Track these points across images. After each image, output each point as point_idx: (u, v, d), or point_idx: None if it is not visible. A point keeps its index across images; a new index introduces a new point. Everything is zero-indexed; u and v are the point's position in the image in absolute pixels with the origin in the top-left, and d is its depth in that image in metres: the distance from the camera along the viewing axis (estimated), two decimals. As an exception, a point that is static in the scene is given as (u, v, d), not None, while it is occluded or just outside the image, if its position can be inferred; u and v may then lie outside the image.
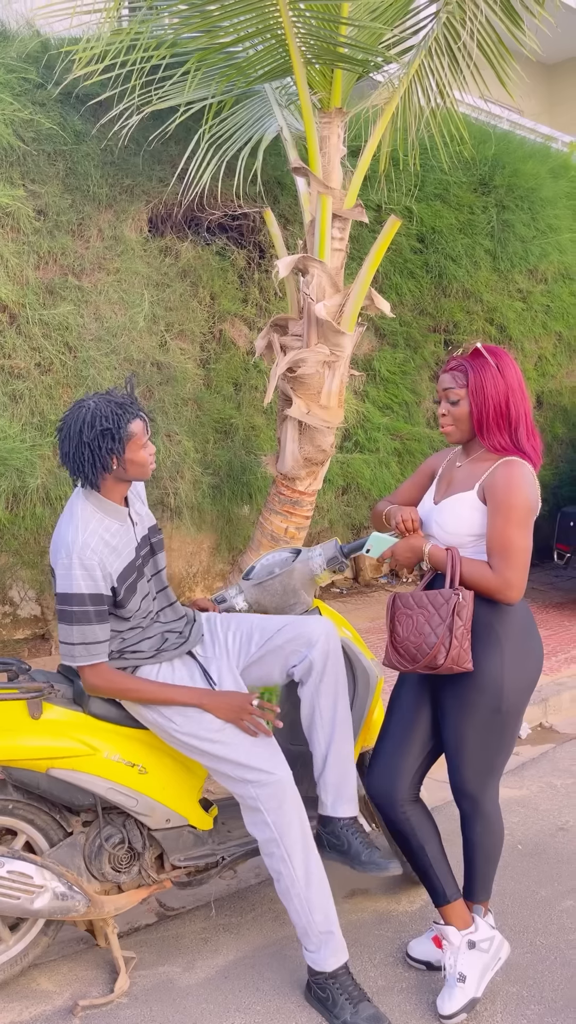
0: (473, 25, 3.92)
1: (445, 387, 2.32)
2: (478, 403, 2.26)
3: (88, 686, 2.29)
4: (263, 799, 2.29)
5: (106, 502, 2.32)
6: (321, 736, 2.48)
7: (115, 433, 2.23)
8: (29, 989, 2.46)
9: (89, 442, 2.22)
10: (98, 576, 2.23)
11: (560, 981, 2.50)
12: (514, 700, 2.26)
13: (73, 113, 4.42)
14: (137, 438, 2.27)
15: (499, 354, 2.28)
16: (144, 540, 2.42)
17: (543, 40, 4.41)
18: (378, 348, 6.03)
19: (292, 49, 3.67)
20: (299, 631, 2.50)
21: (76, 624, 2.23)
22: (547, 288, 6.82)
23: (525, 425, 2.27)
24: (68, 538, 2.23)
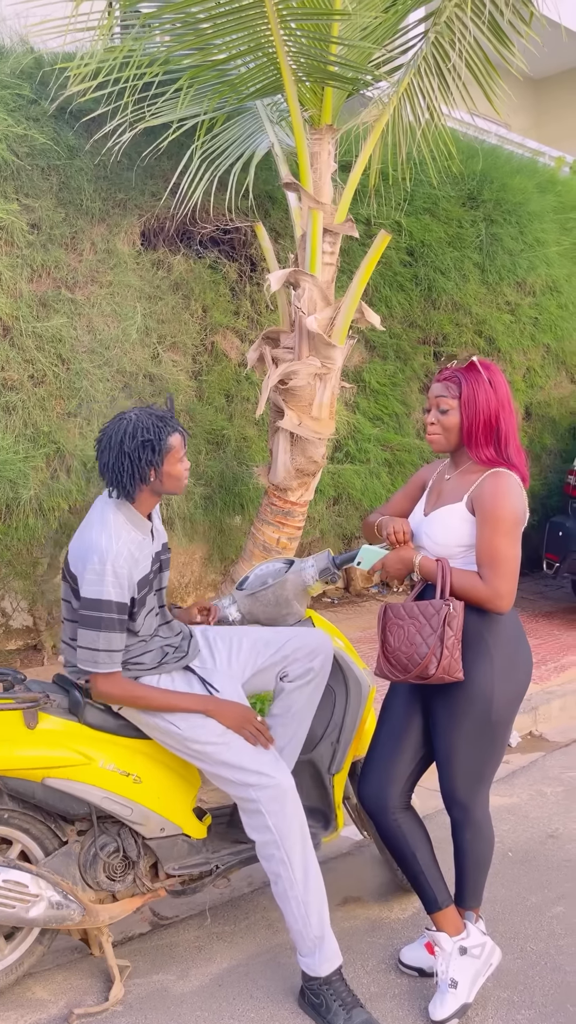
0: (461, 44, 3.99)
1: (437, 395, 2.36)
2: (469, 415, 2.31)
3: (99, 693, 2.31)
4: (264, 802, 2.32)
5: (136, 514, 2.37)
6: (279, 733, 2.57)
7: (155, 445, 2.29)
8: (24, 998, 2.47)
9: (130, 452, 2.28)
10: (126, 586, 2.28)
11: (550, 986, 2.53)
12: (504, 709, 2.29)
13: (67, 129, 4.47)
14: (175, 451, 2.33)
15: (492, 369, 2.33)
16: (156, 556, 2.47)
17: (530, 56, 4.48)
18: (368, 360, 6.09)
19: (283, 67, 3.73)
20: (303, 642, 2.60)
21: (104, 631, 2.26)
22: (535, 301, 6.90)
23: (513, 442, 2.33)
24: (102, 545, 2.26)
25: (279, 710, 2.60)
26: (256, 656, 2.60)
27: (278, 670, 2.61)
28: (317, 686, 2.61)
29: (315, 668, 2.58)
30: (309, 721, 2.63)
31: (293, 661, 2.58)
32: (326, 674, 2.63)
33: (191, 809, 2.55)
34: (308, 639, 2.61)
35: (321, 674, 2.60)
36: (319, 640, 2.62)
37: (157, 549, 2.48)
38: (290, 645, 2.60)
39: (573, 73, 13.03)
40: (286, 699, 2.59)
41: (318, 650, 2.60)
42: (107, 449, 2.32)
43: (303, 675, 2.58)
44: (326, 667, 2.62)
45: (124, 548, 2.29)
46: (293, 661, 2.58)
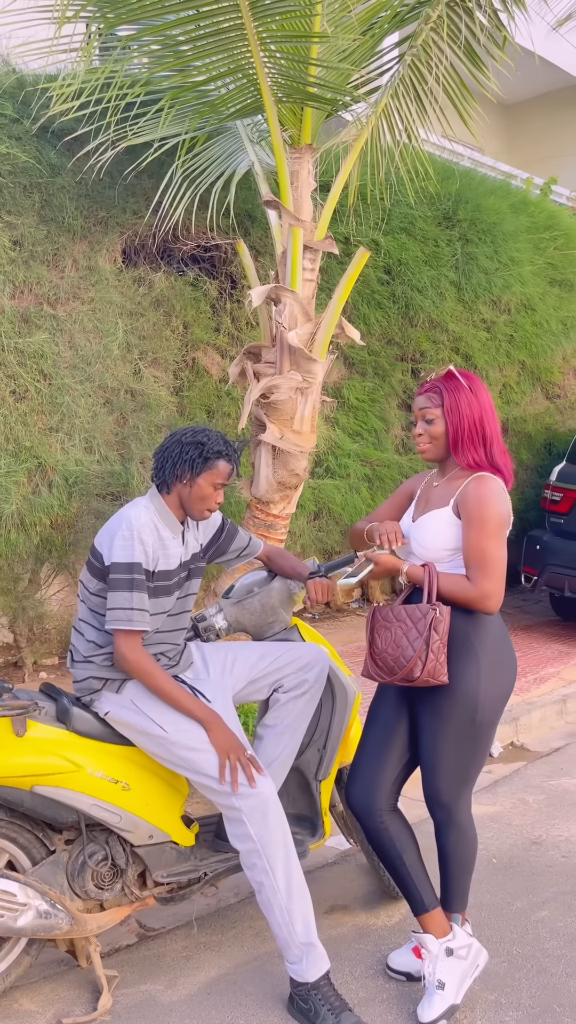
0: (437, 69, 4.10)
1: (421, 407, 2.42)
2: (453, 422, 2.37)
3: (118, 655, 2.35)
4: (246, 811, 2.34)
5: (166, 510, 2.46)
6: (272, 744, 2.61)
7: (204, 451, 2.40)
8: (11, 1009, 2.45)
9: (184, 443, 2.41)
10: (150, 554, 2.37)
11: (537, 988, 2.55)
12: (489, 710, 2.33)
13: (49, 147, 4.52)
14: (216, 474, 2.44)
15: (471, 377, 2.40)
16: (184, 565, 2.54)
17: (503, 81, 4.60)
18: (347, 377, 6.16)
19: (263, 88, 3.81)
20: (298, 655, 2.65)
21: (135, 591, 2.34)
22: (510, 318, 7.02)
23: (497, 444, 2.39)
24: (131, 515, 2.37)
25: (272, 721, 2.64)
26: (250, 669, 2.64)
27: (272, 681, 2.65)
28: (311, 698, 2.66)
29: (309, 680, 2.63)
30: (302, 733, 2.66)
31: (288, 674, 2.64)
32: (320, 687, 2.68)
33: (179, 816, 2.56)
34: (303, 652, 2.67)
35: (315, 686, 2.66)
36: (314, 654, 2.68)
37: (186, 558, 2.54)
38: (284, 658, 2.65)
39: (544, 99, 13.34)
40: (279, 711, 2.63)
41: (313, 663, 2.65)
42: (172, 436, 2.48)
43: (297, 687, 2.63)
44: (320, 680, 2.67)
45: (150, 524, 2.40)
46: (288, 674, 2.64)
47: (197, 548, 2.61)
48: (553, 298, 7.33)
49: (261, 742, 2.66)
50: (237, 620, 2.82)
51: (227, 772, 2.34)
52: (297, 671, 2.64)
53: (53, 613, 5.00)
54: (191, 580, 2.59)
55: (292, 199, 4.04)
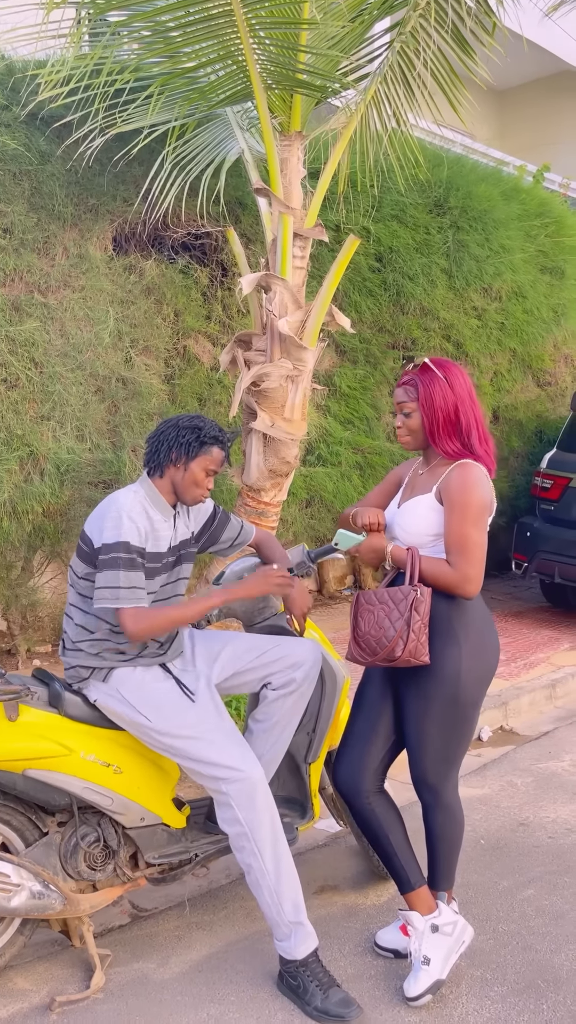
0: (426, 54, 4.10)
1: (399, 401, 2.48)
2: (428, 414, 2.41)
3: (130, 632, 2.36)
4: (234, 795, 2.37)
5: (158, 495, 2.50)
6: (260, 739, 2.65)
7: (200, 435, 2.45)
8: (6, 988, 2.49)
9: (180, 428, 2.46)
10: (143, 534, 2.41)
11: (521, 965, 2.60)
12: (471, 691, 2.38)
13: (38, 134, 4.51)
14: (210, 460, 2.48)
15: (447, 367, 2.43)
16: (174, 549, 2.56)
17: (493, 67, 4.59)
18: (339, 364, 6.17)
19: (253, 75, 3.81)
20: (287, 652, 2.65)
21: (124, 569, 2.36)
22: (501, 306, 7.04)
23: (477, 431, 2.42)
24: (120, 498, 2.42)
25: (262, 716, 2.66)
26: (236, 660, 2.65)
27: (260, 676, 2.66)
28: (300, 696, 2.66)
29: (297, 679, 2.63)
30: (292, 730, 2.68)
31: (276, 671, 2.64)
32: (310, 685, 2.68)
33: (170, 799, 2.60)
34: (292, 649, 2.66)
35: (304, 685, 2.66)
36: (305, 651, 2.66)
37: (175, 543, 2.57)
38: (272, 653, 2.65)
39: (535, 85, 13.30)
40: (268, 707, 2.65)
41: (302, 661, 2.64)
42: (167, 421, 2.52)
43: (285, 685, 2.63)
44: (310, 678, 2.67)
45: (139, 507, 2.44)
46: (276, 671, 2.64)
47: (188, 534, 2.63)
48: (544, 286, 7.35)
49: (252, 736, 2.67)
50: (228, 606, 2.85)
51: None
52: (285, 668, 2.63)
53: (46, 601, 5.03)
54: (181, 565, 2.61)
55: (282, 187, 4.05)
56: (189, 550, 2.64)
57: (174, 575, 2.59)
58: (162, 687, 2.47)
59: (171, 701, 2.44)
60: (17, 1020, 2.37)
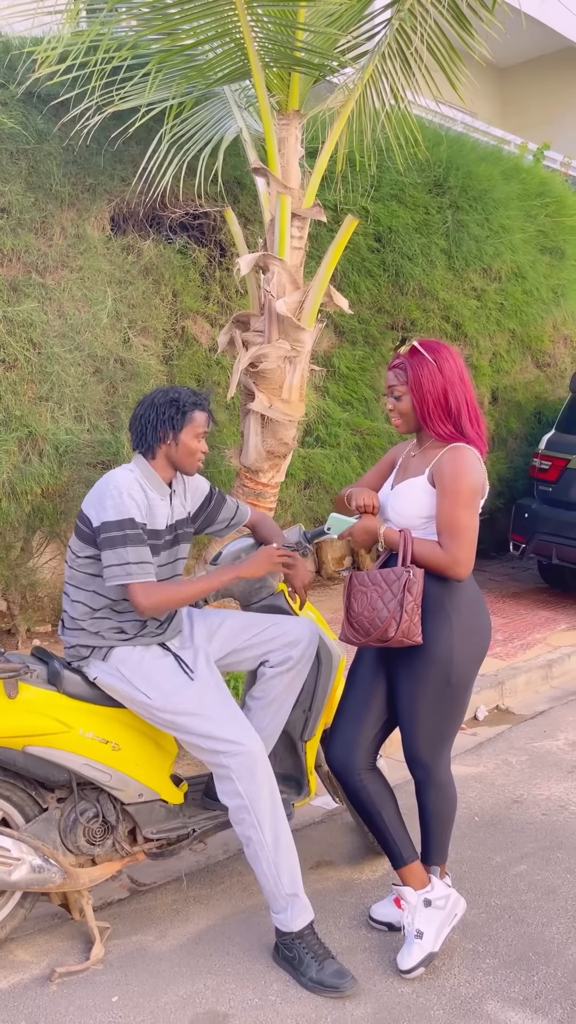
0: (423, 30, 4.06)
1: (389, 384, 2.49)
2: (418, 397, 2.43)
3: (141, 607, 2.39)
4: (234, 769, 2.41)
5: (153, 474, 2.52)
6: (258, 716, 2.68)
7: (180, 406, 2.47)
8: (6, 960, 2.54)
9: (158, 405, 2.48)
10: (144, 510, 2.44)
11: (513, 938, 2.65)
12: (463, 671, 2.41)
13: (35, 112, 4.48)
14: (196, 425, 2.51)
15: (437, 349, 2.43)
16: (171, 528, 2.58)
17: (494, 45, 4.55)
18: (337, 345, 6.16)
19: (250, 53, 3.78)
20: (285, 630, 2.69)
21: (132, 545, 2.39)
22: (500, 287, 7.02)
23: (467, 413, 2.43)
24: (118, 476, 2.44)
25: (259, 694, 2.70)
26: (233, 638, 2.68)
27: (258, 654, 2.70)
28: (298, 674, 2.70)
29: (294, 657, 2.67)
30: (289, 707, 2.72)
31: (273, 649, 2.68)
32: (307, 664, 2.72)
33: (168, 775, 2.63)
34: (290, 627, 2.70)
35: (301, 662, 2.70)
36: (302, 629, 2.70)
37: (171, 523, 2.59)
38: (271, 631, 2.69)
39: (537, 62, 13.17)
40: (265, 685, 2.69)
41: (299, 640, 2.68)
42: (142, 403, 2.53)
43: (283, 662, 2.68)
44: (307, 657, 2.71)
45: (135, 482, 2.46)
46: (273, 649, 2.68)
47: (184, 513, 2.65)
48: (544, 266, 7.32)
49: (250, 712, 2.71)
50: (224, 586, 2.87)
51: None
52: (283, 647, 2.67)
53: (45, 581, 5.06)
54: (179, 545, 2.63)
55: (280, 166, 4.03)
56: (186, 530, 2.66)
57: (172, 555, 2.61)
58: (162, 664, 2.51)
59: (171, 678, 2.48)
60: (18, 991, 2.42)
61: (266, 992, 2.41)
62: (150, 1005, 2.36)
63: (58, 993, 2.41)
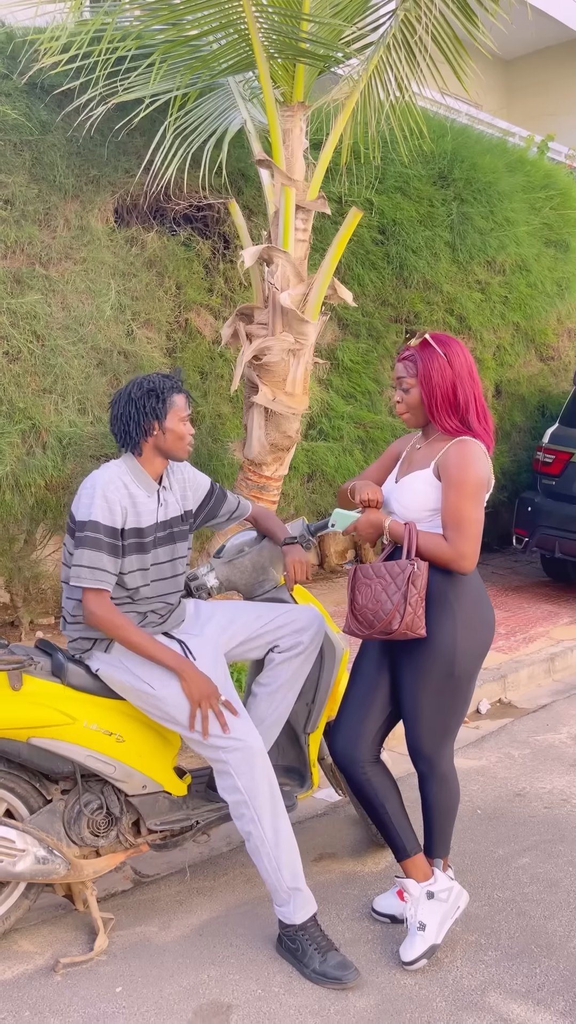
0: (429, 20, 4.04)
1: (398, 376, 2.49)
2: (426, 391, 2.42)
3: (87, 612, 2.40)
4: (234, 764, 2.41)
5: (141, 471, 2.50)
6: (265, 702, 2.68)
7: (160, 395, 2.45)
8: (11, 951, 2.55)
9: (136, 400, 2.44)
10: (117, 511, 2.41)
11: (515, 930, 2.66)
12: (466, 665, 2.41)
13: (39, 103, 4.47)
14: (178, 409, 2.49)
15: (448, 343, 2.43)
16: (164, 524, 2.57)
17: (500, 35, 4.53)
18: (341, 338, 6.15)
19: (255, 44, 3.77)
20: (294, 617, 2.71)
21: (87, 548, 2.39)
22: (505, 280, 6.99)
23: (475, 409, 2.43)
24: (96, 475, 2.42)
25: (267, 680, 2.71)
26: (245, 628, 2.69)
27: (267, 641, 2.71)
28: (306, 659, 2.72)
29: (304, 642, 2.69)
30: (295, 693, 2.73)
31: (283, 635, 2.70)
32: (315, 649, 2.74)
33: (172, 767, 2.64)
34: (299, 614, 2.73)
35: (310, 648, 2.72)
36: (310, 617, 2.73)
37: (165, 519, 2.57)
38: (280, 619, 2.71)
39: (542, 53, 13.10)
40: (274, 670, 2.70)
41: (308, 626, 2.71)
42: (118, 401, 2.50)
43: (292, 648, 2.69)
44: (315, 642, 2.73)
45: (118, 482, 2.43)
46: (283, 635, 2.70)
47: (180, 511, 2.64)
48: (548, 259, 7.29)
49: (255, 699, 2.73)
50: (228, 579, 2.88)
51: (198, 721, 2.41)
52: (292, 633, 2.70)
53: (48, 573, 5.06)
54: (176, 543, 2.62)
55: (284, 158, 4.02)
56: (182, 528, 2.65)
57: (169, 553, 2.60)
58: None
59: None
60: (22, 981, 2.43)
61: (269, 983, 2.42)
62: (154, 996, 2.37)
63: (62, 983, 2.42)
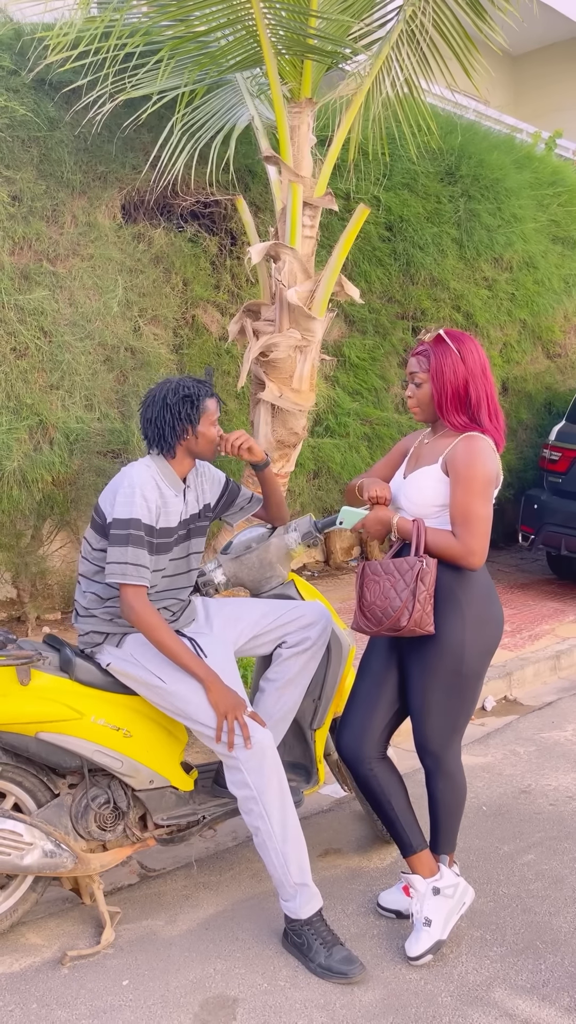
0: (437, 16, 4.04)
1: (411, 371, 2.48)
2: (437, 387, 2.42)
3: (126, 607, 2.41)
4: (244, 761, 2.42)
5: (171, 471, 2.54)
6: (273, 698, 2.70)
7: (195, 401, 2.48)
8: (18, 943, 2.57)
9: (172, 406, 2.47)
10: (153, 510, 2.44)
11: (521, 926, 2.66)
12: (474, 663, 2.41)
13: (47, 100, 4.47)
14: (210, 413, 2.53)
15: (462, 339, 2.42)
16: (184, 523, 2.60)
17: (508, 31, 4.52)
18: (347, 335, 6.15)
19: (263, 40, 3.76)
20: (302, 612, 2.72)
21: (131, 546, 2.41)
22: (512, 276, 6.98)
23: (487, 407, 2.43)
24: (133, 473, 2.45)
25: (274, 675, 2.72)
26: (254, 625, 2.71)
27: (275, 637, 2.72)
28: (313, 655, 2.73)
29: (312, 637, 2.71)
30: (303, 689, 2.74)
31: (291, 631, 2.72)
32: (322, 645, 2.75)
33: (179, 762, 2.65)
34: (307, 610, 2.74)
35: (318, 644, 2.73)
36: (317, 612, 2.75)
37: (185, 517, 2.60)
38: (288, 615, 2.73)
39: (550, 50, 13.05)
40: (282, 665, 2.72)
41: (316, 622, 2.73)
42: (151, 405, 2.52)
43: (300, 643, 2.71)
44: (323, 638, 2.74)
45: (151, 480, 2.47)
46: (291, 631, 2.72)
47: (198, 508, 2.66)
48: (555, 256, 7.28)
49: (262, 695, 2.74)
50: (235, 575, 2.89)
51: (224, 732, 2.41)
52: (300, 628, 2.71)
53: (55, 569, 5.08)
54: (192, 539, 2.65)
55: (292, 155, 4.02)
56: (200, 524, 2.67)
57: (185, 549, 2.63)
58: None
59: None
60: (30, 974, 2.45)
61: (275, 977, 2.43)
62: (160, 989, 2.39)
63: (69, 976, 2.43)
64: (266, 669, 2.79)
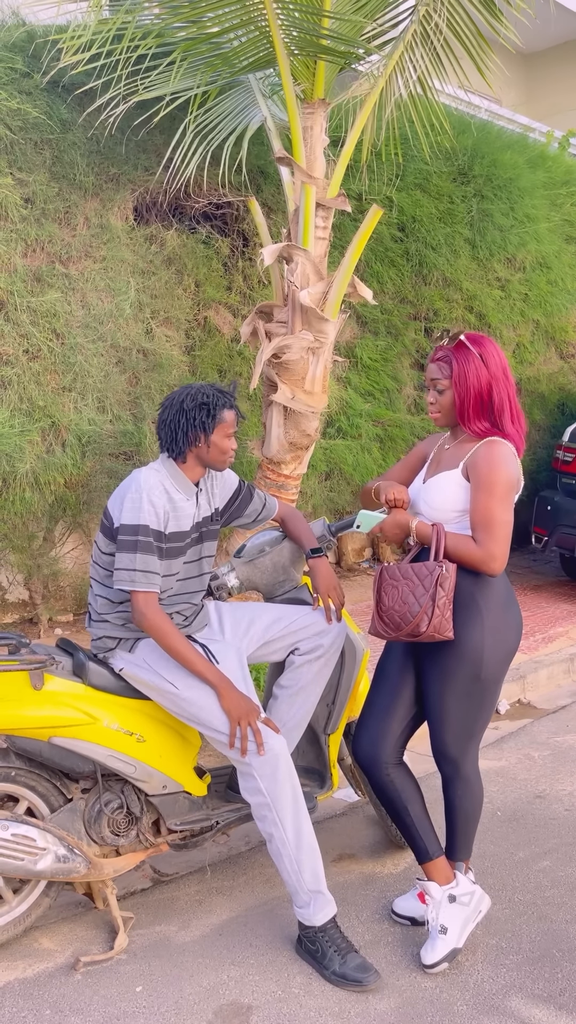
0: (451, 16, 4.01)
1: (432, 377, 2.45)
2: (460, 393, 2.39)
3: (137, 613, 2.40)
4: (257, 767, 2.41)
5: (181, 475, 2.51)
6: (286, 704, 2.68)
7: (211, 410, 2.45)
8: (31, 948, 2.56)
9: (188, 411, 2.45)
10: (161, 516, 2.42)
11: (536, 934, 2.64)
12: (493, 668, 2.38)
13: (59, 102, 4.47)
14: (226, 425, 2.49)
15: (483, 343, 2.40)
16: (197, 526, 2.58)
17: (521, 30, 4.49)
18: (360, 336, 6.13)
19: (276, 40, 3.75)
20: (315, 619, 2.70)
21: (140, 552, 2.39)
22: (525, 277, 6.94)
23: (509, 411, 2.41)
24: (141, 478, 2.43)
25: (287, 682, 2.70)
26: (265, 630, 2.69)
27: (288, 644, 2.70)
28: (326, 663, 2.71)
29: (324, 645, 2.68)
30: (317, 696, 2.72)
31: (304, 638, 2.69)
32: (336, 652, 2.73)
33: (192, 767, 2.64)
34: (318, 617, 2.71)
35: (331, 651, 2.70)
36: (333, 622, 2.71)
37: (198, 520, 2.58)
38: (301, 621, 2.70)
39: (563, 48, 12.99)
40: (294, 672, 2.70)
41: (329, 629, 2.70)
42: (169, 407, 2.50)
43: (313, 650, 2.68)
44: (336, 645, 2.71)
45: (160, 487, 2.45)
46: (304, 638, 2.69)
47: (210, 511, 2.65)
48: (569, 256, 7.24)
49: (276, 702, 2.72)
50: (248, 579, 2.87)
51: (237, 738, 2.40)
52: (313, 635, 2.68)
53: (67, 571, 5.08)
54: (204, 543, 2.63)
55: (305, 155, 4.00)
56: (212, 527, 2.65)
57: (197, 552, 2.61)
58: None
59: None
60: (43, 979, 2.44)
61: (289, 984, 2.41)
62: (173, 995, 2.37)
63: (82, 982, 2.42)
64: (279, 675, 2.77)
